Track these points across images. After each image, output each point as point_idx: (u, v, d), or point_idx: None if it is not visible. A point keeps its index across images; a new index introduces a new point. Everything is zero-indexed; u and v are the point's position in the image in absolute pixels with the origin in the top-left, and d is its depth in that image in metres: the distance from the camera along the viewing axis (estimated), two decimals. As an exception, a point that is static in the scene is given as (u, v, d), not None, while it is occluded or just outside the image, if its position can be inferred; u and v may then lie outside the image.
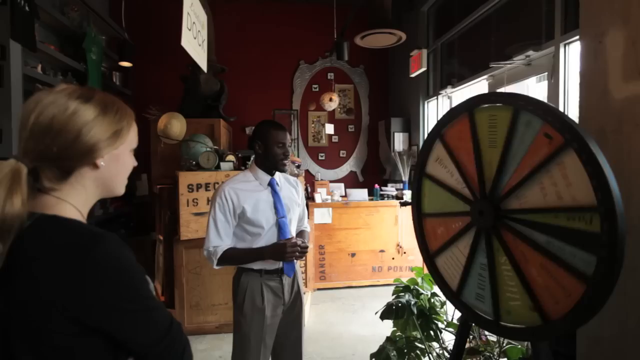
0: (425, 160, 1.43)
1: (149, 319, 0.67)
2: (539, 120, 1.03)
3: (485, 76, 3.18)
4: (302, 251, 1.50)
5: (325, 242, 4.13)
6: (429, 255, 1.45)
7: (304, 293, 1.76)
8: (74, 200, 0.69)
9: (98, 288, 0.61)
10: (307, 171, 5.38)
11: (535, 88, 2.96)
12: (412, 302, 2.05)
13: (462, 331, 1.42)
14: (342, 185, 4.86)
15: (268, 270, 1.57)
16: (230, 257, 1.52)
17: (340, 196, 4.59)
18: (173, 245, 3.06)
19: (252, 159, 2.37)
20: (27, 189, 0.63)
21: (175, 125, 3.52)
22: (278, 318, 1.61)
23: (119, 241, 0.66)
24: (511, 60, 2.72)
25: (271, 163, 1.59)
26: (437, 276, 1.42)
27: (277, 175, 1.67)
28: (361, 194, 4.37)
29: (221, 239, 1.53)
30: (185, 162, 3.21)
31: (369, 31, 3.35)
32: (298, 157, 5.26)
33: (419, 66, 3.65)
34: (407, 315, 2.06)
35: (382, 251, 4.15)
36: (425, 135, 4.15)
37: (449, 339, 1.97)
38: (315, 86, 5.36)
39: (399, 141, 4.71)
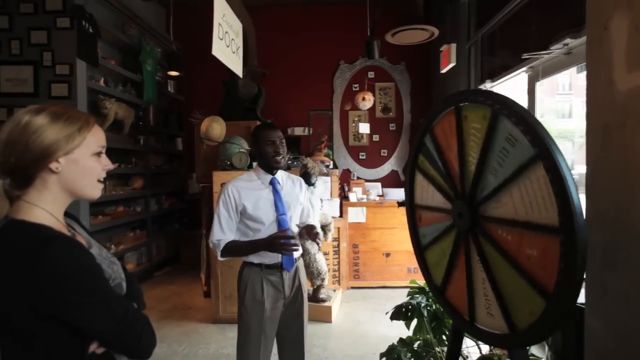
0: (417, 153, 1.39)
1: (98, 309, 0.75)
2: (513, 127, 0.98)
3: (524, 68, 2.96)
4: (294, 244, 1.54)
5: (359, 241, 4.14)
6: (420, 248, 1.43)
7: (328, 287, 1.82)
8: (43, 204, 0.77)
9: (46, 285, 0.69)
10: (347, 170, 5.41)
11: (578, 79, 2.69)
12: (423, 305, 2.01)
13: (454, 338, 1.39)
14: (379, 184, 4.82)
15: (268, 265, 1.66)
16: (231, 249, 1.64)
17: (378, 195, 4.56)
18: (210, 239, 3.31)
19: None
20: (0, 196, 0.75)
21: (216, 128, 3.77)
22: (278, 311, 1.69)
23: (69, 244, 0.74)
24: (548, 50, 2.51)
25: (266, 161, 1.68)
26: (425, 270, 1.40)
27: (280, 175, 1.75)
28: (398, 193, 4.30)
29: (224, 233, 1.65)
30: (222, 162, 3.44)
31: (399, 28, 3.30)
32: (335, 157, 5.32)
33: (449, 61, 3.50)
34: (418, 317, 2.02)
35: (418, 252, 4.05)
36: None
37: (469, 344, 1.90)
38: (356, 85, 5.36)
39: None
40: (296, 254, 1.71)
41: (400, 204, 1.83)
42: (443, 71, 3.81)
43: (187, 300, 3.81)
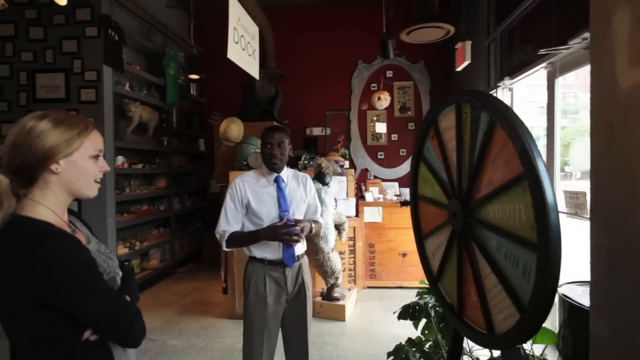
0: (422, 142, 1.38)
1: (90, 300, 0.81)
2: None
3: (544, 64, 2.86)
4: (295, 233, 1.58)
5: (375, 240, 4.13)
6: (420, 237, 1.44)
7: (344, 286, 1.85)
8: (45, 201, 0.84)
9: (43, 276, 0.76)
10: (365, 170, 5.40)
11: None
12: (430, 305, 2.00)
13: (454, 337, 1.39)
14: (396, 184, 4.78)
15: (270, 261, 1.71)
16: (235, 239, 1.70)
17: (395, 195, 4.53)
18: (227, 237, 3.41)
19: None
20: (8, 194, 0.82)
21: (234, 129, 3.87)
22: (281, 306, 1.74)
23: (65, 239, 0.80)
24: (567, 45, 2.42)
25: (264, 161, 1.75)
26: (423, 258, 1.41)
27: (286, 173, 1.80)
28: (415, 193, 4.25)
29: (229, 224, 1.71)
30: (238, 163, 3.54)
31: (414, 26, 3.27)
32: (353, 156, 5.32)
33: (464, 59, 3.43)
34: (426, 317, 2.01)
35: (435, 253, 4.00)
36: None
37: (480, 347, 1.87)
38: (374, 85, 5.34)
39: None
40: (298, 250, 1.75)
41: (403, 204, 1.83)
42: (458, 69, 3.74)
43: (207, 296, 3.94)
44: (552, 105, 2.81)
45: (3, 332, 0.83)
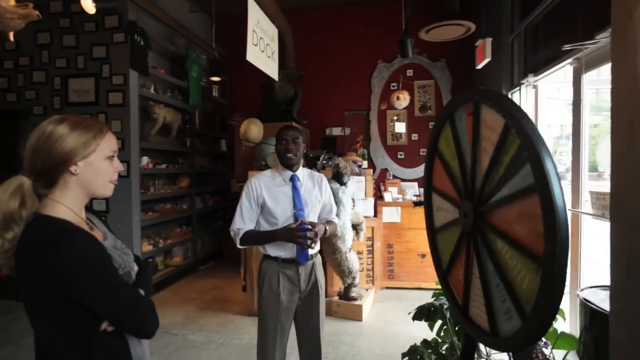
0: (438, 135, 1.36)
1: (104, 294, 0.85)
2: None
3: (570, 60, 2.76)
4: (310, 237, 1.60)
5: (393, 241, 4.10)
6: (433, 230, 1.43)
7: (362, 286, 1.86)
8: (65, 201, 0.90)
9: (62, 271, 0.81)
10: (384, 170, 5.36)
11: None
12: (446, 306, 1.97)
13: (468, 337, 1.37)
14: (415, 184, 4.72)
15: (284, 259, 1.74)
16: (249, 237, 1.74)
17: (414, 195, 4.48)
18: (246, 236, 3.48)
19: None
20: (31, 194, 0.88)
21: (253, 129, 3.94)
22: (294, 303, 1.77)
23: (81, 236, 0.85)
24: (594, 40, 2.33)
25: (279, 158, 1.78)
26: (435, 252, 1.41)
27: (301, 172, 1.83)
28: (435, 193, 4.19)
29: (244, 223, 1.75)
30: (257, 163, 3.60)
31: (433, 24, 3.23)
32: (373, 156, 5.30)
33: (484, 57, 3.34)
34: (441, 318, 1.99)
35: (455, 254, 3.92)
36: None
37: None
38: (394, 84, 5.29)
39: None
40: (312, 251, 1.77)
41: (416, 204, 1.82)
42: (478, 67, 3.66)
43: (227, 294, 4.03)
44: (578, 102, 2.71)
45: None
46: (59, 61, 3.77)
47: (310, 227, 1.63)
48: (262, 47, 3.14)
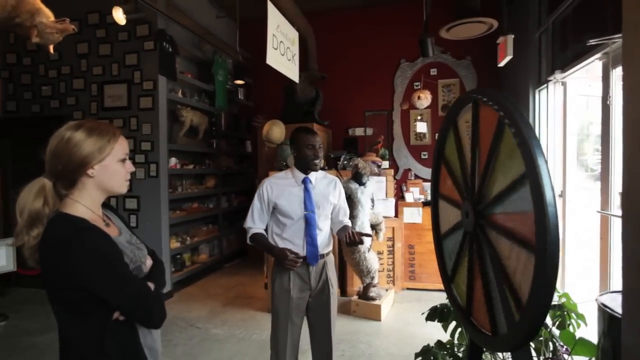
0: (444, 142, 1.37)
1: (113, 286, 0.92)
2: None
3: (599, 54, 2.64)
4: (295, 264, 1.72)
5: (415, 242, 4.06)
6: (439, 236, 1.43)
7: (382, 286, 1.89)
8: (83, 200, 0.98)
9: (76, 264, 0.89)
10: (408, 170, 5.31)
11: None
12: (459, 308, 1.95)
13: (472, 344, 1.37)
14: (438, 185, 4.63)
15: None
16: (257, 240, 1.84)
17: (437, 196, 4.41)
18: (267, 234, 3.58)
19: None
20: (52, 195, 0.98)
21: (275, 131, 4.04)
22: (304, 300, 1.82)
23: (94, 233, 0.92)
24: (621, 34, 2.22)
25: (304, 163, 1.81)
26: (440, 258, 1.41)
27: (314, 175, 1.87)
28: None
29: (254, 222, 1.85)
30: (278, 163, 3.69)
31: (454, 22, 3.18)
32: (396, 156, 5.26)
33: (505, 54, 3.25)
34: (454, 319, 1.97)
35: (479, 257, 3.83)
36: (537, 129, 3.64)
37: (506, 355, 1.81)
38: (417, 84, 5.23)
39: (507, 136, 4.22)
40: (322, 249, 1.82)
41: (426, 204, 1.82)
42: (500, 65, 3.56)
43: (250, 290, 4.15)
44: (607, 99, 2.60)
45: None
46: (96, 69, 4.03)
47: (301, 259, 1.73)
48: (283, 51, 3.22)
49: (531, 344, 1.78)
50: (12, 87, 4.31)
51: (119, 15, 2.84)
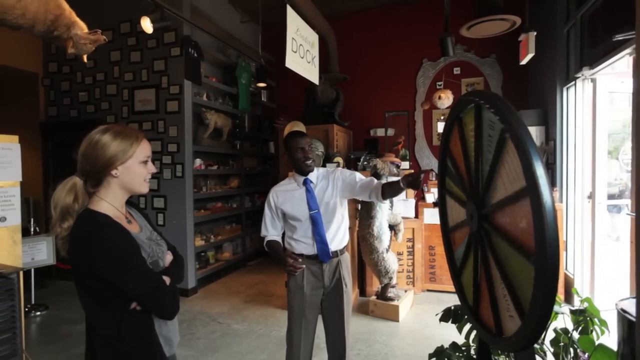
0: (448, 138, 1.37)
1: (131, 278, 1.00)
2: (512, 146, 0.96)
3: (629, 49, 2.53)
4: (295, 269, 1.82)
5: (435, 243, 4.01)
6: (446, 230, 1.44)
7: (401, 287, 1.92)
8: (108, 198, 1.07)
9: (97, 257, 0.97)
10: (431, 171, 5.24)
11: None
12: (473, 309, 1.93)
13: (480, 343, 1.36)
14: (460, 185, 4.55)
15: (308, 256, 1.85)
16: (271, 247, 1.93)
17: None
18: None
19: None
20: (82, 192, 1.08)
21: (296, 132, 4.11)
22: (318, 298, 1.86)
23: (114, 229, 1.01)
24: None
25: (297, 166, 1.85)
26: (449, 252, 1.41)
27: (315, 174, 1.89)
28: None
29: (267, 230, 1.94)
30: (298, 164, 3.75)
31: (475, 20, 3.13)
32: (418, 157, 5.21)
33: (527, 51, 3.15)
34: (467, 320, 1.95)
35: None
36: (564, 128, 3.51)
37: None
38: (440, 83, 5.16)
39: (533, 136, 4.09)
40: (335, 247, 1.86)
41: (435, 204, 1.82)
42: (522, 62, 3.46)
43: (271, 288, 4.24)
44: (638, 94, 2.48)
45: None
46: (127, 75, 4.26)
47: (300, 265, 1.84)
48: (302, 54, 3.29)
49: (550, 349, 1.76)
50: (54, 94, 4.63)
51: (146, 25, 2.99)
